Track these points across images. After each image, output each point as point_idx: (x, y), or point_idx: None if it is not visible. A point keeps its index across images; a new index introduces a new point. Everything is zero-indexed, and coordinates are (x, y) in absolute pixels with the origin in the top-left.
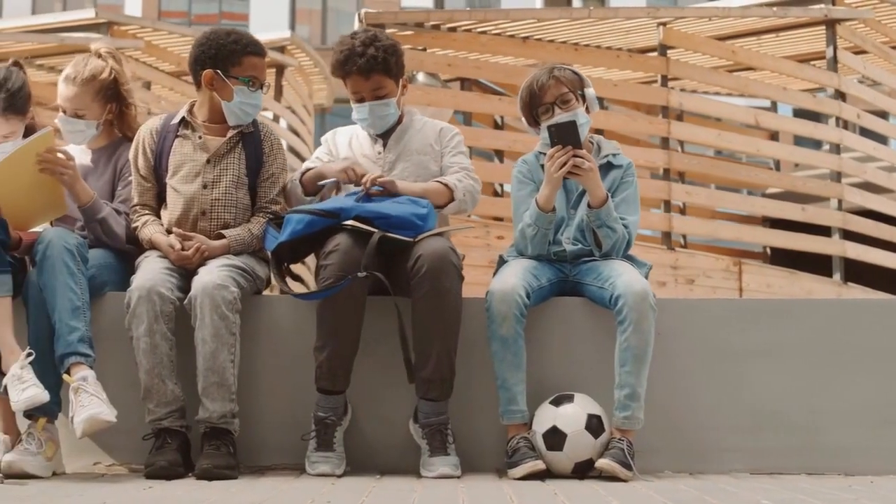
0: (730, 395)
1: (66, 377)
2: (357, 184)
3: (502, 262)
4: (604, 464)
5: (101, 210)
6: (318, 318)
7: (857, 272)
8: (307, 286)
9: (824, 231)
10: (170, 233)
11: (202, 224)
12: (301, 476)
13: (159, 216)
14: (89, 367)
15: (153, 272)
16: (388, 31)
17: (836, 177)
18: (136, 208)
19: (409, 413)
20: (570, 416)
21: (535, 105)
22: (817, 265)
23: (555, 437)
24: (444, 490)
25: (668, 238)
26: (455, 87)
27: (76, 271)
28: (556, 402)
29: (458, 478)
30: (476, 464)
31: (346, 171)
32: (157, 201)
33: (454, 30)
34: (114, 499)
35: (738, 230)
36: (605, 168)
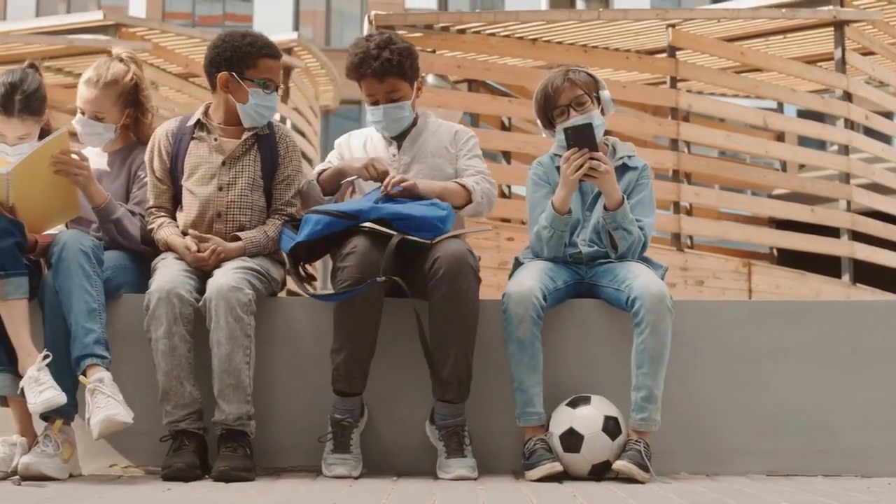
0: (746, 396)
1: (82, 379)
2: (378, 179)
3: (518, 264)
4: (621, 465)
5: (115, 211)
6: (335, 320)
7: (864, 273)
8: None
9: (831, 232)
10: (185, 235)
11: (218, 226)
12: (318, 478)
13: (175, 218)
14: (105, 369)
15: (172, 274)
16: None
17: (845, 178)
18: (152, 210)
19: (425, 415)
20: (586, 418)
21: (551, 107)
22: (824, 266)
23: (572, 439)
24: (462, 492)
25: (677, 239)
26: (462, 88)
27: (91, 273)
28: (573, 404)
29: (474, 479)
30: (492, 466)
31: (367, 168)
32: (173, 203)
33: (463, 31)
34: (133, 501)
35: (747, 231)
36: (620, 170)
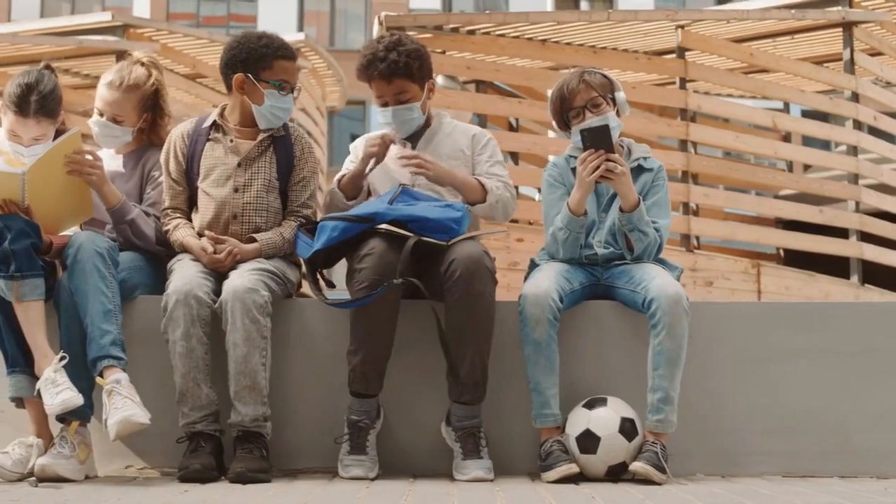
0: (761, 397)
1: (99, 380)
2: (393, 142)
3: (534, 265)
4: (638, 467)
5: (129, 212)
6: (351, 322)
7: (871, 274)
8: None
9: (838, 232)
10: (201, 236)
11: (233, 227)
12: (334, 479)
13: (190, 219)
14: (122, 370)
15: (189, 276)
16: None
17: (853, 179)
18: (168, 212)
19: (441, 416)
20: (603, 420)
21: (566, 109)
22: (830, 266)
23: (588, 441)
24: (480, 493)
25: (686, 240)
26: (471, 89)
27: (107, 275)
28: (589, 406)
29: (491, 481)
30: (508, 467)
31: (377, 147)
32: (188, 205)
33: (473, 32)
34: (151, 503)
35: (756, 232)
36: (635, 171)
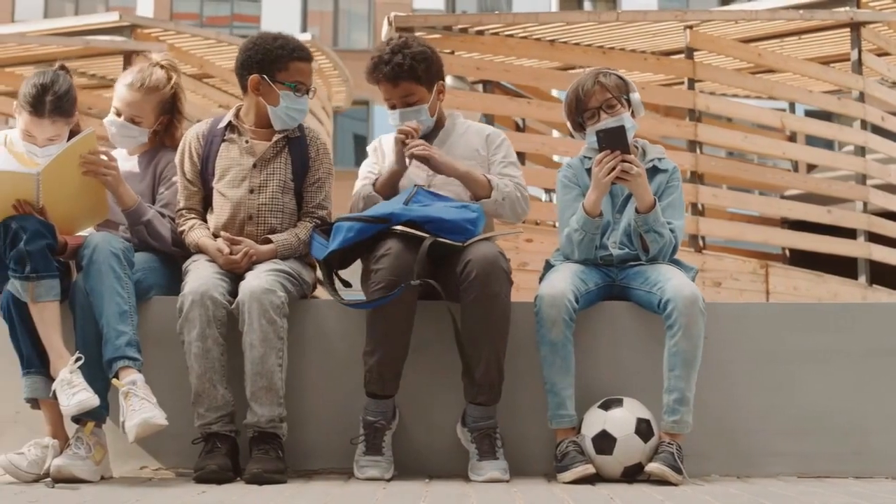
0: (777, 398)
1: (115, 382)
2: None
3: (549, 266)
4: (654, 467)
5: (145, 213)
6: (368, 323)
7: (879, 274)
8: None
9: (845, 233)
10: (217, 237)
11: (249, 228)
12: (349, 480)
13: (205, 220)
14: (138, 371)
15: (205, 277)
16: (416, 34)
17: (861, 179)
18: (182, 212)
19: (456, 417)
20: (619, 420)
21: (581, 110)
22: (837, 267)
23: (604, 441)
24: (498, 494)
25: (695, 241)
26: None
27: (123, 275)
28: (605, 406)
29: (507, 482)
30: (524, 468)
31: (398, 143)
32: (203, 205)
33: (482, 33)
34: (169, 503)
35: (764, 232)
36: (650, 172)
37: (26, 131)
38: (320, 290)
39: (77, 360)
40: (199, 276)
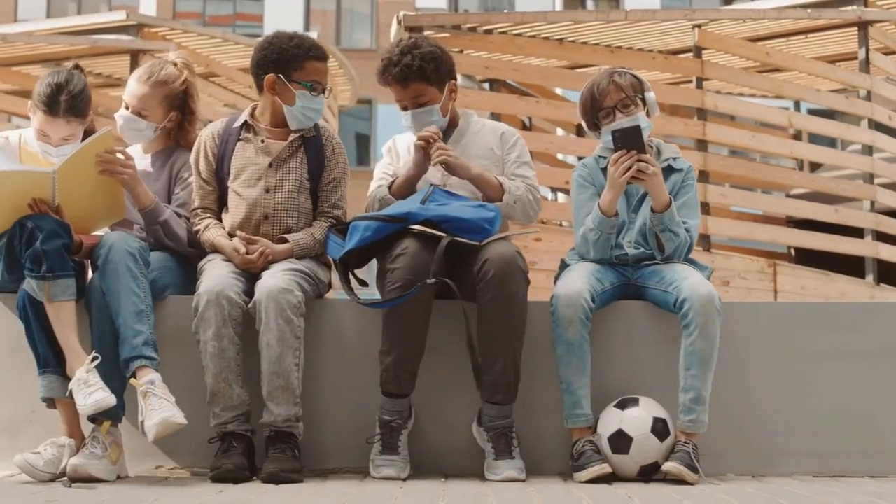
0: (792, 398)
1: (132, 381)
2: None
3: (564, 265)
4: (671, 467)
5: (162, 213)
6: (384, 322)
7: (886, 273)
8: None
9: (852, 232)
10: (232, 236)
11: (265, 228)
12: (365, 479)
13: (220, 219)
14: (155, 371)
15: (221, 276)
16: (424, 34)
17: (868, 178)
18: (198, 212)
19: (472, 416)
20: (635, 420)
21: (596, 109)
22: (843, 266)
23: (620, 441)
24: (516, 493)
25: (705, 239)
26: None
27: (139, 275)
28: (621, 406)
29: (523, 481)
30: (539, 467)
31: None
32: (218, 205)
33: (490, 32)
34: (188, 503)
35: (772, 232)
36: (666, 172)
37: (41, 131)
38: (333, 291)
39: (93, 359)
40: (215, 275)
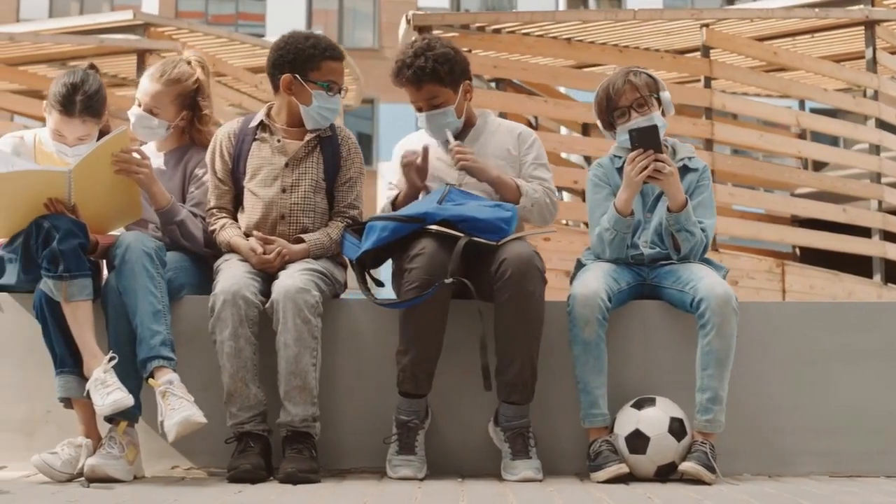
0: (809, 397)
1: (151, 382)
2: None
3: (580, 265)
4: (688, 467)
5: (178, 213)
6: (401, 322)
7: (893, 273)
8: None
9: (859, 231)
10: (248, 236)
11: (281, 228)
12: (383, 479)
13: (236, 219)
14: (172, 371)
15: (237, 276)
16: (433, 33)
17: (876, 177)
18: (213, 211)
19: (488, 416)
20: (652, 420)
21: (612, 109)
22: (851, 265)
23: (637, 441)
24: (534, 493)
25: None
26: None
27: (155, 275)
28: (638, 406)
29: (540, 481)
30: (556, 467)
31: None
32: (234, 204)
33: (499, 31)
34: (207, 503)
35: (780, 231)
36: (681, 171)
37: (56, 131)
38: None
39: (111, 359)
40: (231, 275)
